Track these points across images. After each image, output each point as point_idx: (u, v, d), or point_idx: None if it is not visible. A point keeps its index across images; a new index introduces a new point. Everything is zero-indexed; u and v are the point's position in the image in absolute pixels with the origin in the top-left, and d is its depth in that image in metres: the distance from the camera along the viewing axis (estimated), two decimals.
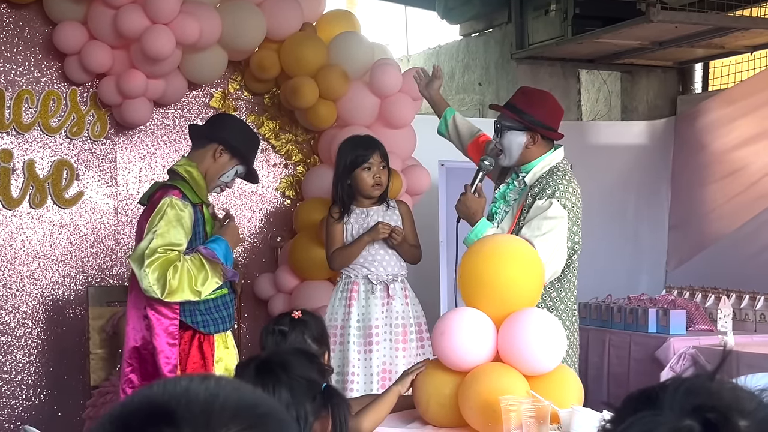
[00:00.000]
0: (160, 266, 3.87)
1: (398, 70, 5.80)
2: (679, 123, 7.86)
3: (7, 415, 5.54)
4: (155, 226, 3.89)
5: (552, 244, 3.94)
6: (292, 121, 6.07)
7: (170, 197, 3.93)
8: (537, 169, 4.10)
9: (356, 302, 4.37)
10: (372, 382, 4.29)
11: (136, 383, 4.05)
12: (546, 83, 8.07)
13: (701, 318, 6.02)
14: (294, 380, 2.20)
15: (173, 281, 3.86)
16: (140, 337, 4.05)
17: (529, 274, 3.29)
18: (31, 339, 5.61)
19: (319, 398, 2.22)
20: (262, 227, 6.11)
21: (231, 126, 4.24)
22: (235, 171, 4.19)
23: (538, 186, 4.05)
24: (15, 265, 5.58)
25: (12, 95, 5.55)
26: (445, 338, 3.19)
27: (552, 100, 4.27)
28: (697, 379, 1.08)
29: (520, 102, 4.15)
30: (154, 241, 3.86)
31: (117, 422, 0.99)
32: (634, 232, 7.74)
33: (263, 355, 2.34)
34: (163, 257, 3.87)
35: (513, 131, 4.09)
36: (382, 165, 4.41)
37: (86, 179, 5.73)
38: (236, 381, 1.05)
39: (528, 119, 4.08)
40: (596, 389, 5.93)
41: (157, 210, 3.92)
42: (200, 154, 4.17)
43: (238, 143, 4.15)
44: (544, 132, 4.10)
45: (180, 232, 3.91)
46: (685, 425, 1.03)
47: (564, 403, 3.03)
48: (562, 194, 3.99)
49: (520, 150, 4.10)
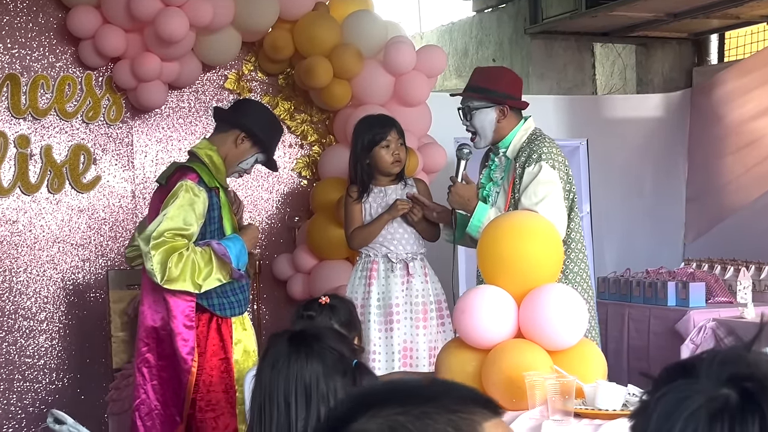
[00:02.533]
0: (165, 251, 3.86)
1: (412, 48, 5.78)
2: (694, 95, 7.81)
3: (31, 399, 5.59)
4: (166, 209, 3.88)
5: (552, 207, 3.98)
6: (306, 101, 6.06)
7: (186, 181, 3.92)
8: (515, 141, 4.18)
9: (376, 281, 4.37)
10: (393, 360, 4.29)
11: (153, 362, 4.07)
12: (560, 58, 8.04)
13: (720, 290, 6.01)
14: (326, 351, 2.21)
15: (174, 269, 3.85)
16: (159, 317, 4.06)
17: (549, 250, 3.29)
18: (53, 323, 5.65)
19: (350, 374, 2.23)
20: (279, 208, 6.12)
21: (255, 113, 4.21)
22: (255, 158, 4.19)
23: (523, 155, 4.11)
24: (35, 251, 5.61)
25: (28, 81, 5.56)
26: (467, 316, 3.20)
27: (509, 73, 4.42)
28: (733, 350, 1.09)
29: (480, 81, 4.25)
30: (163, 224, 3.85)
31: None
32: (651, 205, 7.71)
33: (297, 327, 2.35)
34: (170, 243, 3.85)
35: (481, 110, 4.19)
36: (400, 142, 4.40)
37: (103, 163, 5.75)
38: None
39: (492, 95, 4.18)
40: (616, 363, 5.93)
41: (172, 193, 3.91)
42: (222, 138, 4.15)
43: (260, 132, 4.13)
44: (511, 103, 4.20)
45: (191, 217, 3.89)
46: (721, 394, 1.04)
47: (588, 377, 3.04)
48: (548, 156, 4.06)
49: (493, 126, 4.19)
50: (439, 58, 5.93)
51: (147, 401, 4.06)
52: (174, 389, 4.02)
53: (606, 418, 2.87)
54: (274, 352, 2.24)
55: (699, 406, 1.04)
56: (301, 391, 2.16)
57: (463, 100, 4.28)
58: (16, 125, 5.56)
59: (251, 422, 2.25)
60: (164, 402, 4.04)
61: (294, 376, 2.17)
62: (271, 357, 2.24)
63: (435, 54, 5.94)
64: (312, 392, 2.16)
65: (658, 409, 1.06)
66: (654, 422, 1.06)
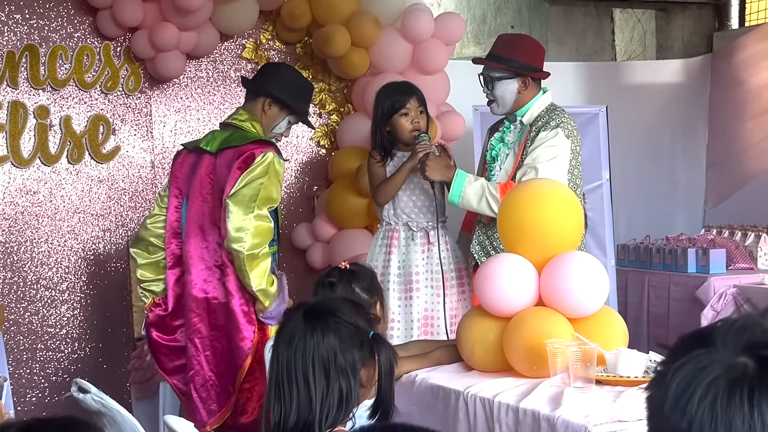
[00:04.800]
0: (265, 232, 3.86)
1: (430, 16, 5.75)
2: (715, 60, 7.74)
3: (54, 368, 5.64)
4: (263, 179, 3.86)
5: (555, 169, 4.00)
6: (324, 69, 6.04)
7: (273, 153, 3.93)
8: (533, 109, 4.20)
9: (396, 249, 4.37)
10: (412, 328, 4.29)
11: (205, 333, 4.03)
12: (580, 24, 7.97)
13: (741, 256, 5.99)
14: (341, 325, 2.21)
15: (261, 257, 3.85)
16: (211, 287, 4.01)
17: (569, 218, 3.28)
18: (75, 293, 5.68)
19: (367, 346, 2.23)
20: (298, 177, 6.12)
21: (279, 77, 4.18)
22: (287, 121, 4.19)
23: (541, 121, 4.13)
24: (56, 221, 5.64)
25: (46, 51, 5.57)
26: (488, 284, 3.20)
27: (532, 42, 4.41)
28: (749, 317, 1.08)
29: (504, 50, 4.25)
30: (262, 192, 3.84)
31: None
32: (671, 171, 7.67)
33: (311, 301, 2.35)
34: (267, 227, 3.88)
35: (503, 80, 4.20)
36: (420, 110, 4.38)
37: (122, 134, 5.76)
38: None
39: (515, 65, 4.19)
40: (636, 330, 5.93)
41: (263, 163, 3.88)
42: (252, 106, 4.15)
43: (285, 95, 4.11)
44: (534, 74, 4.20)
45: (278, 190, 3.96)
46: (739, 362, 1.03)
47: (609, 344, 3.04)
48: (566, 126, 4.09)
49: (514, 97, 4.20)
50: (458, 25, 5.90)
51: (201, 372, 4.01)
52: (228, 360, 3.99)
53: (627, 384, 2.87)
54: (289, 328, 2.24)
55: (717, 375, 1.03)
56: (319, 366, 2.16)
57: (485, 68, 4.27)
58: (36, 96, 5.57)
59: (268, 397, 2.25)
60: (218, 372, 4.00)
61: (311, 351, 2.17)
62: (287, 333, 2.24)
63: (453, 21, 5.90)
64: (330, 366, 2.16)
65: (676, 379, 1.06)
66: (672, 392, 1.06)
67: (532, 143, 4.07)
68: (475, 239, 4.26)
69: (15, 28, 5.53)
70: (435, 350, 3.41)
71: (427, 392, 3.20)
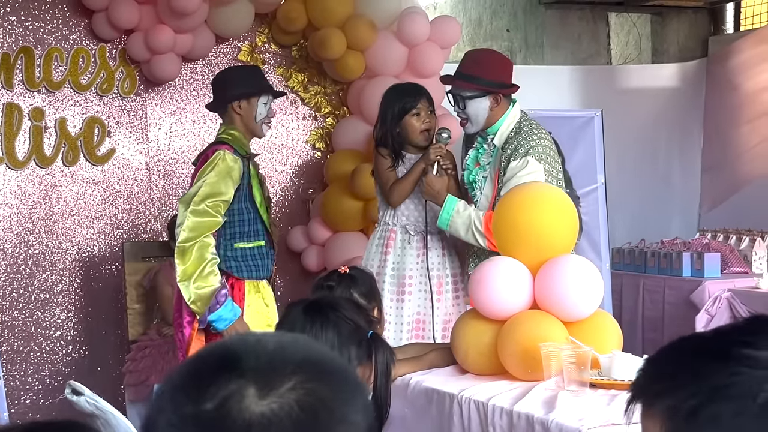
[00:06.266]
0: (202, 226, 4.04)
1: (426, 19, 5.75)
2: (710, 64, 7.76)
3: (48, 371, 5.62)
4: (206, 176, 4.08)
5: None
6: (320, 72, 6.04)
7: (223, 150, 4.13)
8: (503, 129, 4.13)
9: (393, 250, 4.36)
10: (402, 331, 4.27)
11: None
12: (575, 27, 7.99)
13: (736, 260, 6.00)
14: (341, 320, 2.22)
15: (191, 249, 4.01)
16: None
17: (563, 221, 3.28)
18: (69, 295, 5.67)
19: (365, 345, 2.23)
20: (293, 180, 6.12)
21: (226, 81, 4.40)
22: (263, 104, 4.34)
23: (510, 147, 4.06)
24: (50, 223, 5.63)
25: (41, 53, 5.56)
26: (482, 287, 3.20)
27: (499, 57, 4.35)
28: None
29: (472, 69, 4.16)
30: (203, 188, 4.06)
31: (190, 364, 1.04)
32: (666, 175, 7.68)
33: (313, 297, 2.36)
34: (209, 220, 4.04)
35: (475, 99, 4.13)
36: (430, 110, 4.36)
37: (117, 136, 5.76)
38: (309, 339, 1.07)
39: (486, 84, 4.11)
40: (631, 334, 5.92)
41: (210, 161, 4.11)
42: (228, 118, 4.36)
43: (241, 87, 4.32)
44: (504, 91, 4.14)
45: (229, 184, 4.11)
46: None
47: (603, 348, 3.04)
48: (534, 150, 4.02)
49: (486, 113, 4.14)
50: (453, 28, 5.90)
51: None
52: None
53: (621, 388, 2.87)
54: (289, 321, 2.25)
55: None
56: None
57: (454, 88, 4.20)
58: (31, 98, 5.57)
59: None
60: None
61: None
62: (286, 326, 2.24)
63: (449, 24, 5.91)
64: None
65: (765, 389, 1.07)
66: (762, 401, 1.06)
67: (505, 173, 4.03)
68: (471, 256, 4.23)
69: (10, 30, 5.53)
70: (429, 353, 3.41)
71: (422, 395, 3.20)
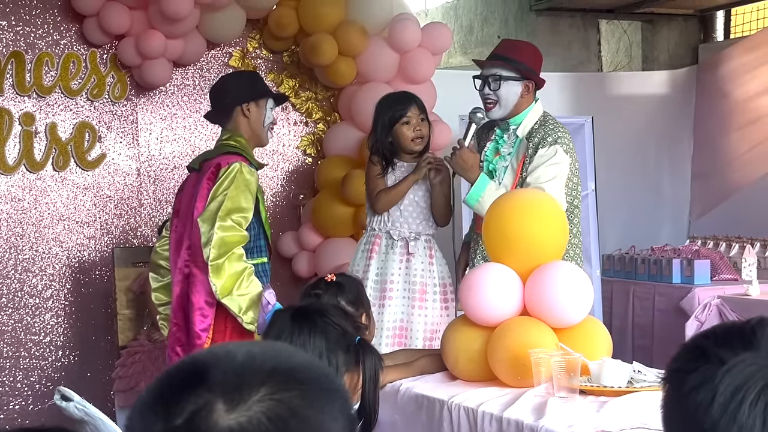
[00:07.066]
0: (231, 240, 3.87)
1: (417, 25, 5.76)
2: (700, 72, 7.78)
3: (38, 376, 5.61)
4: (226, 190, 3.90)
5: (558, 188, 4.01)
6: (311, 78, 6.05)
7: (240, 163, 3.96)
8: (527, 120, 4.16)
9: (376, 256, 4.36)
10: (381, 336, 4.26)
11: (184, 341, 4.06)
12: (566, 34, 8.01)
13: (726, 267, 6.01)
14: (329, 326, 2.22)
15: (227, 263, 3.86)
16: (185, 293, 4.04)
17: (554, 228, 3.28)
18: (59, 301, 5.66)
19: (352, 351, 2.24)
20: (284, 186, 6.12)
21: (231, 84, 4.28)
22: (269, 107, 4.23)
23: (537, 136, 4.09)
24: (40, 228, 5.62)
25: (32, 58, 5.55)
26: (472, 294, 3.20)
27: (535, 48, 4.37)
28: None
29: (510, 52, 4.20)
30: (226, 203, 3.87)
31: (159, 381, 1.02)
32: (656, 182, 7.70)
33: (301, 304, 2.36)
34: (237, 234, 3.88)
35: (510, 81, 4.14)
36: (421, 117, 4.36)
37: (108, 141, 5.75)
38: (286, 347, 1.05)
39: (524, 68, 4.15)
40: (621, 341, 5.93)
41: (226, 174, 3.92)
42: (230, 123, 4.18)
43: (250, 90, 4.21)
44: (537, 80, 4.18)
45: (248, 198, 3.94)
46: None
47: (593, 354, 3.04)
48: (563, 141, 4.07)
49: (516, 99, 4.15)
50: (444, 35, 5.91)
51: None
52: None
53: (611, 395, 2.87)
54: (277, 328, 2.25)
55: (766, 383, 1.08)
56: None
57: (492, 67, 4.20)
58: (21, 103, 5.56)
59: None
60: None
61: None
62: (274, 333, 2.24)
63: (440, 31, 5.92)
64: None
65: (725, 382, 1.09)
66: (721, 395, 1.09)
67: (531, 161, 4.04)
68: (479, 253, 4.22)
69: (1, 35, 5.52)
70: (419, 359, 3.40)
71: (411, 402, 3.19)
